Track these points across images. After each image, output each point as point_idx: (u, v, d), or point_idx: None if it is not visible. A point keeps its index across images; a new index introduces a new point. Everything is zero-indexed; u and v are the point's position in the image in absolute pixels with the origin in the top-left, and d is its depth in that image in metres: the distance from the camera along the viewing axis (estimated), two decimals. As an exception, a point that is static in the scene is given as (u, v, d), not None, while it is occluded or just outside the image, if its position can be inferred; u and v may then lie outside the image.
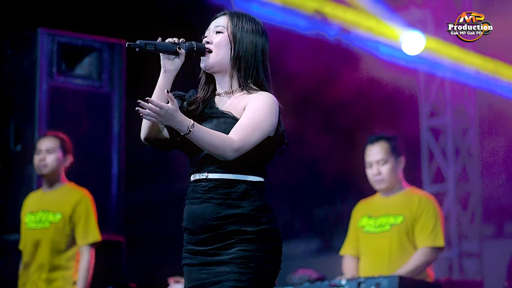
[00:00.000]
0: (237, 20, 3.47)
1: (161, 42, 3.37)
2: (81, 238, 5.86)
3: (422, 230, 5.41)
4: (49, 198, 5.97)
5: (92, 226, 5.88)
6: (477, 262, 7.89)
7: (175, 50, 3.37)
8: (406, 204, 5.49)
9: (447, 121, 8.01)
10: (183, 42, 3.40)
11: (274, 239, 3.37)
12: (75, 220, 5.88)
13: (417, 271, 5.33)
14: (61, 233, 5.88)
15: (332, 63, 7.75)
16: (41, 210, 5.94)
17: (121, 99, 7.06)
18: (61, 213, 5.88)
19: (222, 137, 3.26)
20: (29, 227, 5.97)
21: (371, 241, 5.53)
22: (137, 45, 3.33)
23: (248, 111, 3.33)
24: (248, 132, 3.29)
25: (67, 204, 5.90)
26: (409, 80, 8.09)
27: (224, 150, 3.25)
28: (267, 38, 3.50)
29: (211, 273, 3.34)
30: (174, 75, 3.41)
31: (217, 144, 3.24)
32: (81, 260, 5.82)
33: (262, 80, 3.45)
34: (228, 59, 3.43)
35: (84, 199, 5.92)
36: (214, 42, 3.44)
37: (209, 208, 3.34)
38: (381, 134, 5.62)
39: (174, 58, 3.39)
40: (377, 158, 5.53)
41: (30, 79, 6.80)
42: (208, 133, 3.25)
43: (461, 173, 7.96)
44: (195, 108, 3.47)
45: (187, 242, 3.42)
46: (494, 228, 8.01)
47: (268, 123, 3.34)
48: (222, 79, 3.48)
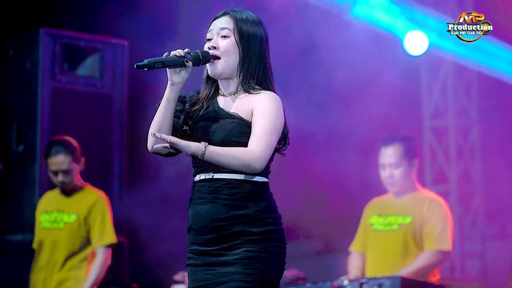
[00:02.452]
0: (241, 21, 3.44)
1: (167, 58, 3.34)
2: (97, 240, 5.88)
3: (430, 232, 5.41)
4: (65, 198, 5.98)
5: (108, 228, 5.90)
6: (480, 262, 7.88)
7: (183, 62, 3.35)
8: (416, 206, 5.50)
9: (449, 122, 8.00)
10: (188, 53, 3.37)
11: (279, 240, 3.38)
12: (91, 221, 5.90)
13: (420, 273, 5.33)
14: (75, 234, 5.89)
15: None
16: (56, 210, 5.96)
17: (123, 99, 7.07)
18: (76, 214, 5.90)
19: (242, 149, 3.27)
20: (43, 226, 5.98)
21: (378, 239, 5.54)
22: (146, 65, 3.31)
23: (258, 118, 3.33)
24: (266, 139, 3.30)
25: (83, 205, 5.92)
26: (411, 81, 8.07)
27: (248, 163, 3.26)
28: (265, 28, 3.48)
29: (216, 273, 3.34)
30: (181, 87, 3.39)
31: (239, 156, 3.25)
32: (95, 260, 5.85)
33: (267, 77, 3.44)
34: (236, 63, 3.42)
35: (100, 201, 5.94)
36: (221, 47, 3.42)
37: (215, 208, 3.34)
38: (396, 135, 5.61)
39: (181, 71, 3.37)
40: (390, 162, 5.53)
41: (32, 79, 6.80)
42: (225, 149, 3.26)
43: (464, 174, 7.95)
44: (198, 108, 3.47)
45: (192, 243, 3.42)
46: (496, 229, 7.99)
47: (279, 123, 3.36)
48: (227, 81, 3.47)
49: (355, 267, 5.61)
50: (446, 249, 5.40)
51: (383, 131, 6.39)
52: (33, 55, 6.80)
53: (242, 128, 3.35)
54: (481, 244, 7.90)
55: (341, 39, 7.26)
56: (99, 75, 7.04)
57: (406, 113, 7.98)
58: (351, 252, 5.69)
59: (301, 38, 7.40)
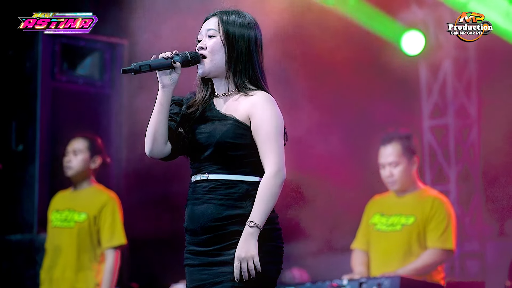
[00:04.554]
0: (227, 20, 3.46)
1: (155, 60, 3.37)
2: (106, 241, 5.89)
3: (433, 231, 5.40)
4: (76, 197, 5.99)
5: (118, 229, 5.91)
6: (479, 262, 7.88)
7: (170, 64, 3.37)
8: (418, 205, 5.49)
9: (449, 121, 8.00)
10: (176, 55, 3.40)
11: (275, 239, 3.38)
12: (101, 222, 5.90)
13: (423, 271, 5.33)
14: (85, 233, 5.89)
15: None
16: (67, 209, 5.96)
17: (122, 99, 7.06)
18: (86, 213, 5.91)
19: (265, 183, 3.32)
20: (54, 225, 5.98)
21: (381, 240, 5.54)
22: (132, 69, 3.34)
23: (259, 127, 3.35)
24: (273, 148, 3.34)
25: (93, 205, 5.93)
26: (411, 80, 8.07)
27: (277, 184, 3.32)
28: (259, 30, 3.51)
29: (212, 273, 3.35)
30: (172, 88, 3.42)
31: (272, 191, 3.31)
32: (106, 263, 5.85)
33: (258, 77, 3.46)
34: (224, 62, 3.45)
35: (111, 201, 5.95)
36: (207, 47, 3.45)
37: (210, 208, 3.35)
38: (394, 134, 5.61)
39: (171, 73, 3.39)
40: (390, 160, 5.53)
41: (31, 79, 6.79)
42: (262, 204, 3.30)
43: (463, 173, 7.95)
44: (194, 110, 3.49)
45: (189, 243, 3.44)
46: (496, 228, 7.99)
47: (279, 125, 3.39)
48: (219, 82, 3.49)
49: (359, 263, 5.61)
50: (449, 247, 5.40)
51: (383, 130, 6.39)
52: (32, 55, 6.80)
53: (238, 130, 3.38)
54: (480, 244, 7.90)
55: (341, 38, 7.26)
56: (99, 75, 7.04)
57: (405, 113, 7.97)
58: (353, 250, 5.69)
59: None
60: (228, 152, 3.35)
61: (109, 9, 6.75)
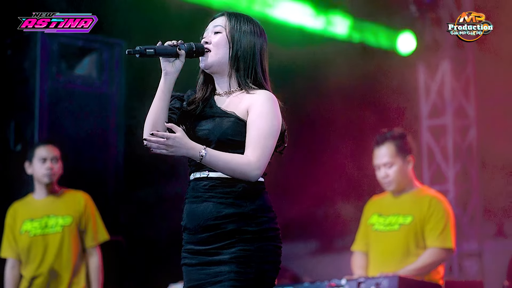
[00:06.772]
0: (235, 20, 3.48)
1: (160, 46, 3.38)
2: (91, 239, 5.94)
3: (432, 231, 5.40)
4: (52, 203, 5.97)
5: (100, 226, 6.00)
6: (477, 262, 7.89)
7: (175, 52, 3.38)
8: (416, 204, 5.49)
9: (447, 121, 8.01)
10: (182, 44, 3.40)
11: (274, 239, 3.38)
12: (85, 222, 5.92)
13: (423, 271, 5.33)
14: (74, 235, 5.90)
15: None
16: (45, 216, 5.93)
17: (121, 99, 7.06)
18: (71, 216, 5.92)
19: (238, 159, 3.28)
20: (33, 234, 5.94)
21: (379, 239, 5.54)
22: (137, 51, 3.34)
23: (253, 121, 3.34)
24: (261, 144, 3.31)
25: (75, 207, 5.96)
26: (409, 80, 8.08)
27: (245, 172, 3.29)
28: (265, 39, 3.51)
29: (211, 273, 3.34)
30: (175, 77, 3.42)
31: (235, 167, 3.27)
32: (91, 262, 5.89)
33: (261, 79, 3.46)
34: (227, 58, 3.45)
35: (89, 201, 6.01)
36: (212, 41, 3.46)
37: (209, 207, 3.35)
38: (387, 134, 5.60)
39: (174, 60, 3.40)
40: (384, 161, 5.52)
41: (30, 79, 6.79)
42: (222, 157, 3.27)
43: (461, 173, 7.96)
44: (194, 107, 3.48)
45: (187, 242, 3.43)
46: (494, 228, 8.01)
47: (276, 125, 3.37)
48: (221, 79, 3.49)
49: (359, 266, 5.61)
50: (449, 246, 5.39)
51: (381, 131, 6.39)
52: (31, 55, 6.79)
53: (238, 127, 3.37)
54: (478, 244, 7.91)
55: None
56: (97, 75, 7.03)
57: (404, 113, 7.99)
58: (353, 252, 5.69)
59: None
60: (228, 149, 3.34)
61: (108, 9, 6.76)
